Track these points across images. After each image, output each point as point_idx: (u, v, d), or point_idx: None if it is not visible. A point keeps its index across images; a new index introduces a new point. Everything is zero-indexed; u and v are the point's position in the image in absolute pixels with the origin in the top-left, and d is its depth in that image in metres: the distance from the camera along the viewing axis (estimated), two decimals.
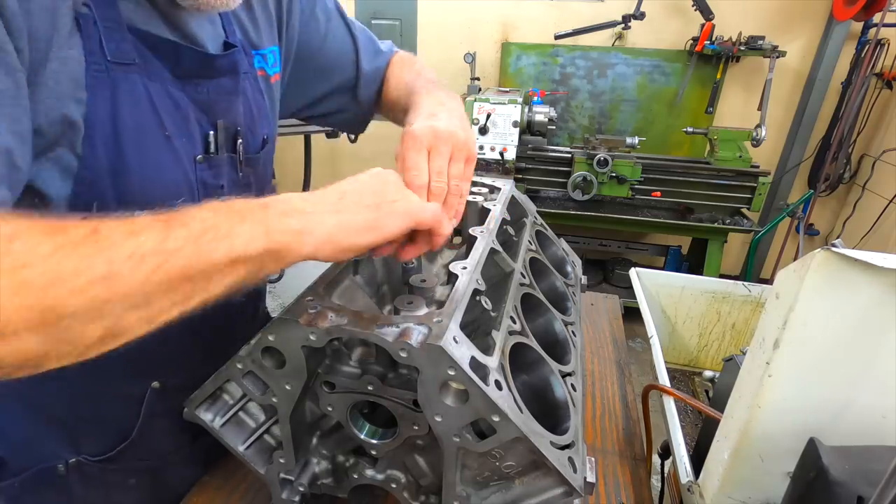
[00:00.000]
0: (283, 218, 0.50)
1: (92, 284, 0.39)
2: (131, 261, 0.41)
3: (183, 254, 0.43)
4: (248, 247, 0.47)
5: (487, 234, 0.79)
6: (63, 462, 0.77)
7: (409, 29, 3.91)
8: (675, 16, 3.54)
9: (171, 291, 0.44)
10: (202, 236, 0.45)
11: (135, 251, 0.41)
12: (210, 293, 0.47)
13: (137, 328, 0.44)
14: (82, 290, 0.39)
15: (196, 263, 0.44)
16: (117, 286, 0.40)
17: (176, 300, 0.45)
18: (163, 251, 0.42)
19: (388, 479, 0.69)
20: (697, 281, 1.47)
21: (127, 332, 0.44)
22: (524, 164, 3.22)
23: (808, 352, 0.63)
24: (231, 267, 0.47)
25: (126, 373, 0.76)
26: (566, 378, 0.70)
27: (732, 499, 0.74)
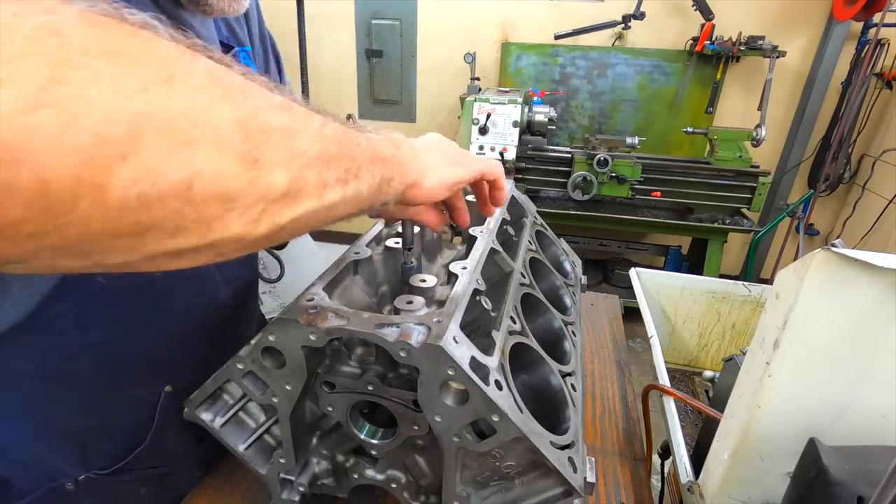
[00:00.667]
0: (410, 166, 0.54)
1: (279, 133, 0.35)
2: (302, 113, 0.39)
3: (336, 135, 0.42)
4: (379, 148, 0.48)
5: (487, 234, 0.79)
6: (72, 480, 0.75)
7: (409, 29, 3.91)
8: (675, 16, 3.54)
9: (337, 163, 0.41)
10: (350, 136, 0.44)
11: (304, 109, 0.39)
12: (359, 187, 0.44)
13: (309, 192, 0.38)
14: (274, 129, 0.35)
15: (343, 149, 0.42)
16: (302, 135, 0.37)
17: (339, 175, 0.41)
18: (324, 124, 0.41)
19: (388, 479, 0.69)
20: (697, 281, 1.47)
21: (301, 191, 0.37)
22: (524, 164, 3.22)
23: (808, 352, 0.63)
24: (372, 163, 0.46)
25: (138, 378, 0.75)
26: (566, 378, 0.70)
27: (732, 499, 0.74)
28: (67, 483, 0.74)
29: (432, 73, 4.01)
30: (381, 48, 3.99)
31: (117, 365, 0.72)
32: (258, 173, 0.33)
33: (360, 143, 0.45)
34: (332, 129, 0.41)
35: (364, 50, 4.02)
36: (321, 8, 3.84)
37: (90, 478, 0.76)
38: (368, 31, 3.96)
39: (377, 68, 4.06)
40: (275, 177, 0.34)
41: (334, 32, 4.00)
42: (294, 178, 0.36)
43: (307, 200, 0.38)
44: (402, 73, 4.05)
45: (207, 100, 0.30)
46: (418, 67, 4.02)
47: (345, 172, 0.42)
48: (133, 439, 0.78)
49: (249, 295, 0.94)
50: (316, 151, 0.38)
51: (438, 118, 4.11)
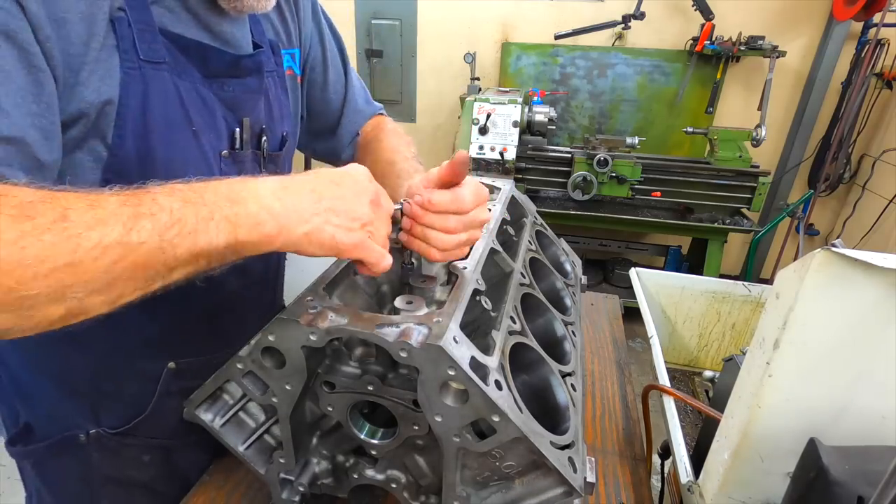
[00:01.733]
0: (252, 220, 0.51)
1: (55, 271, 0.41)
2: (95, 250, 0.42)
3: (146, 247, 0.45)
4: (211, 244, 0.49)
5: (487, 234, 0.79)
6: (84, 432, 0.84)
7: (409, 29, 3.91)
8: (675, 16, 3.54)
9: (132, 279, 0.46)
10: (167, 230, 0.46)
11: (99, 241, 0.42)
12: (171, 280, 0.49)
13: (98, 309, 0.46)
14: (45, 276, 0.41)
15: (158, 257, 0.46)
16: (80, 273, 0.42)
17: (137, 286, 0.47)
18: (127, 243, 0.44)
19: (388, 479, 0.69)
20: (697, 281, 1.47)
21: (88, 311, 0.46)
22: (524, 164, 3.22)
23: (808, 352, 0.63)
24: (193, 259, 0.49)
25: (145, 352, 0.82)
26: (566, 378, 0.70)
27: (732, 499, 0.74)
28: (80, 434, 0.84)
29: (432, 73, 4.01)
30: (381, 48, 3.99)
31: (126, 339, 0.79)
32: (29, 315, 0.42)
33: (174, 245, 0.47)
34: (129, 247, 0.44)
35: (364, 50, 4.02)
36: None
37: (99, 433, 0.84)
38: (368, 31, 3.95)
39: (377, 68, 4.06)
40: (49, 312, 0.43)
41: None
42: (72, 308, 0.44)
43: (94, 312, 0.46)
44: (402, 73, 4.05)
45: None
46: (418, 67, 4.02)
47: (146, 281, 0.47)
48: (138, 407, 0.85)
49: (265, 286, 0.96)
50: (98, 285, 0.44)
51: (438, 118, 4.11)
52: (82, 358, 0.79)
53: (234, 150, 0.76)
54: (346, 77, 1.03)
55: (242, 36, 0.77)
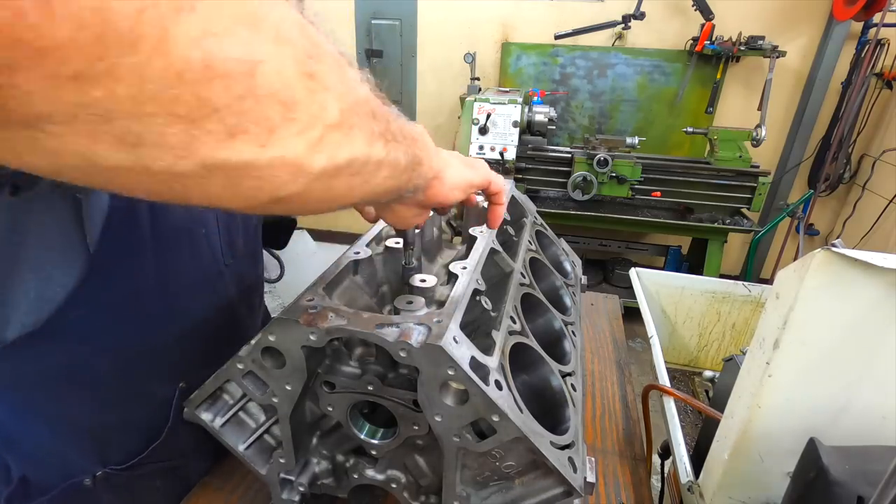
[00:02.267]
0: (437, 159, 0.54)
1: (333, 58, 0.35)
2: (359, 77, 0.39)
3: (386, 107, 0.42)
4: (408, 126, 0.46)
5: (487, 234, 0.79)
6: (90, 476, 0.76)
7: (409, 29, 3.91)
8: (675, 16, 3.54)
9: (378, 119, 0.40)
10: (397, 119, 0.44)
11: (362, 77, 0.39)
12: (398, 153, 0.43)
13: (358, 134, 0.37)
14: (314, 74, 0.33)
15: (389, 117, 0.42)
16: (349, 72, 0.37)
17: (381, 131, 0.40)
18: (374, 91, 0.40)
19: (388, 479, 0.69)
20: (697, 281, 1.47)
21: (352, 129, 0.36)
22: (524, 164, 3.22)
23: (808, 352, 0.63)
24: (404, 138, 0.45)
25: (152, 376, 0.76)
26: (566, 378, 0.70)
27: (732, 499, 0.74)
28: (85, 479, 0.76)
29: (432, 74, 4.01)
30: (381, 48, 3.99)
31: (132, 364, 0.74)
32: (315, 87, 0.32)
33: (392, 111, 0.43)
34: (368, 87, 0.39)
35: (364, 50, 4.02)
36: (321, 8, 3.82)
37: (107, 473, 0.77)
38: (368, 31, 3.96)
39: (377, 68, 4.06)
40: (329, 101, 0.33)
41: (334, 32, 3.98)
42: (345, 109, 0.35)
43: (358, 142, 0.36)
44: (402, 73, 4.05)
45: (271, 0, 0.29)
46: (418, 67, 4.02)
47: (385, 130, 0.40)
48: (148, 435, 0.79)
49: (255, 292, 0.95)
50: (362, 94, 0.37)
51: (438, 118, 4.11)
52: (82, 392, 0.72)
53: None
54: None
55: None
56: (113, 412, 0.76)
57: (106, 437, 0.77)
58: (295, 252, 2.94)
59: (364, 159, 0.37)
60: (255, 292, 0.95)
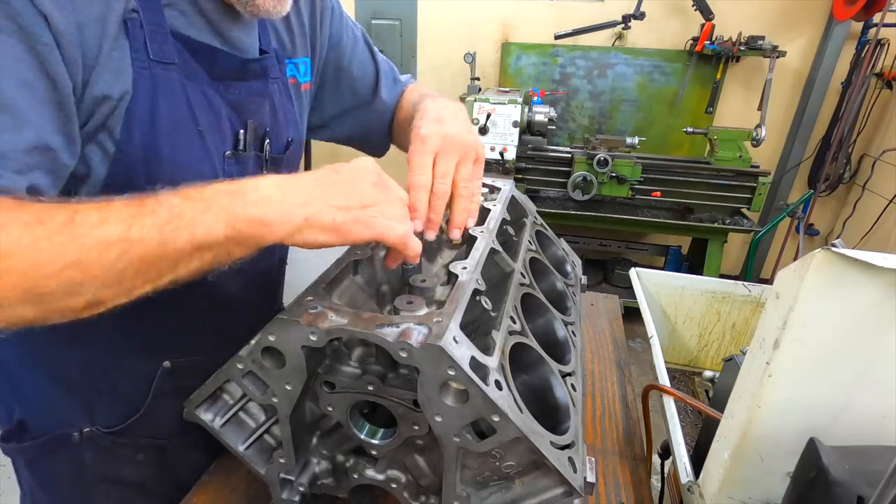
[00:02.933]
0: (249, 207, 0.52)
1: (65, 269, 0.45)
2: (98, 247, 0.46)
3: (146, 242, 0.48)
4: (210, 234, 0.50)
5: (487, 234, 0.79)
6: (78, 430, 0.83)
7: (409, 29, 3.91)
8: (675, 16, 3.54)
9: (139, 273, 0.49)
10: (166, 225, 0.49)
11: (101, 239, 0.46)
12: (178, 274, 0.52)
13: (115, 300, 0.50)
14: (57, 274, 0.45)
15: (159, 251, 0.49)
16: (88, 269, 0.46)
17: (147, 279, 0.50)
18: (127, 239, 0.47)
19: (388, 479, 0.69)
20: (697, 281, 1.47)
21: (107, 302, 0.49)
22: (524, 164, 3.22)
23: (808, 352, 0.63)
24: (195, 252, 0.51)
25: (140, 351, 0.82)
26: (566, 378, 0.70)
27: (732, 499, 0.74)
28: (74, 433, 0.84)
29: (432, 73, 4.01)
30: (381, 48, 3.96)
31: (122, 338, 0.79)
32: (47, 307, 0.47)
33: (175, 240, 0.49)
34: (136, 249, 0.48)
35: None
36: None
37: (93, 432, 0.84)
38: (368, 31, 3.91)
39: None
40: (72, 303, 0.48)
41: None
42: (91, 300, 0.48)
43: (112, 302, 0.49)
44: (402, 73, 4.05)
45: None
46: (418, 67, 4.02)
47: (156, 275, 0.50)
48: (132, 407, 0.85)
49: (264, 290, 0.96)
50: (109, 280, 0.48)
51: None
52: (77, 355, 0.80)
53: (237, 151, 0.77)
54: (376, 65, 1.04)
55: (251, 41, 0.78)
56: (102, 379, 0.82)
57: (95, 400, 0.83)
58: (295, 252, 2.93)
59: (123, 301, 0.51)
60: (262, 290, 0.96)
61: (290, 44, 0.88)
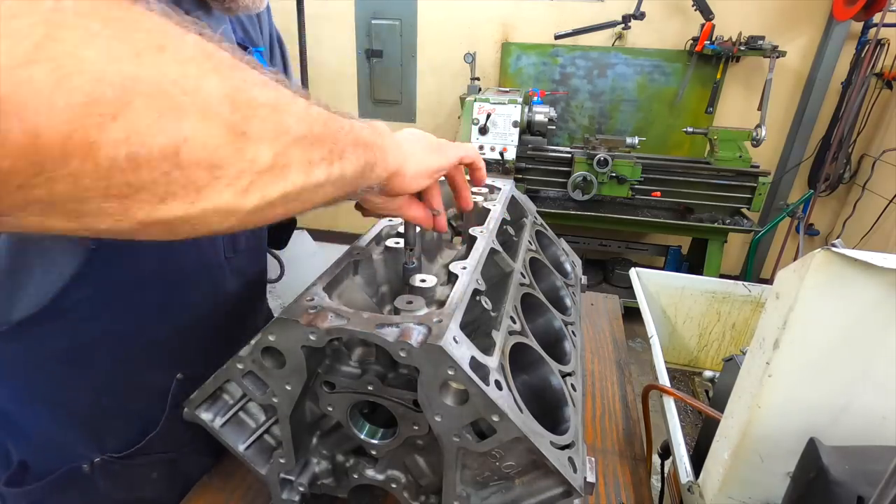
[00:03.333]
0: (392, 154, 0.56)
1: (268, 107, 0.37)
2: (304, 108, 0.42)
3: (320, 119, 0.44)
4: (362, 132, 0.50)
5: (487, 234, 0.79)
6: (87, 462, 0.78)
7: (409, 29, 3.91)
8: (675, 16, 3.54)
9: (322, 143, 0.43)
10: (335, 120, 0.46)
11: (294, 98, 0.41)
12: (343, 168, 0.46)
13: (295, 168, 0.40)
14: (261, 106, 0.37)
15: (326, 131, 0.44)
16: (288, 113, 0.39)
17: (324, 155, 0.44)
18: (307, 109, 0.42)
19: (388, 479, 0.69)
20: (697, 281, 1.47)
21: (287, 167, 0.40)
22: (524, 164, 3.22)
23: (808, 352, 0.63)
24: (356, 147, 0.48)
25: (151, 365, 0.79)
26: (566, 378, 0.70)
27: (732, 499, 0.74)
28: (83, 465, 0.78)
29: (432, 73, 4.01)
30: (381, 48, 3.99)
31: (131, 352, 0.76)
32: (244, 145, 0.34)
33: (343, 126, 0.47)
34: (317, 111, 0.43)
35: (364, 50, 4.02)
36: (321, 8, 3.84)
37: (105, 461, 0.79)
38: (368, 31, 3.96)
39: (377, 68, 4.06)
40: (261, 150, 0.36)
41: (334, 32, 4.00)
42: (279, 153, 0.38)
43: (294, 176, 0.40)
44: (402, 74, 4.05)
45: (197, 71, 0.31)
46: (418, 67, 4.02)
47: (329, 153, 0.44)
48: (146, 425, 0.81)
49: (256, 288, 0.96)
50: (301, 130, 0.40)
51: (438, 118, 4.11)
52: (82, 378, 0.75)
53: None
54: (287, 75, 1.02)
55: (226, 34, 0.77)
56: (111, 400, 0.78)
57: (104, 425, 0.79)
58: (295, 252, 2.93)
59: (300, 189, 0.41)
60: (256, 289, 0.95)
61: (253, 32, 0.87)
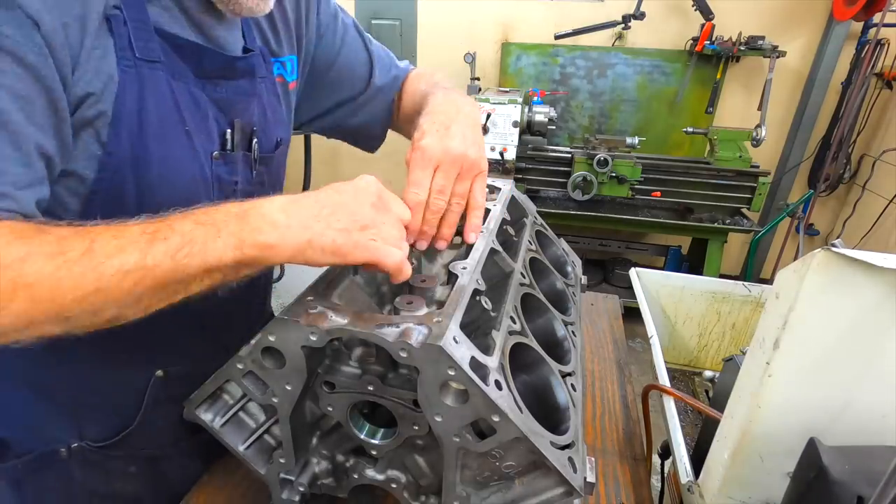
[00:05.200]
0: (256, 233, 0.54)
1: (87, 295, 0.49)
2: (117, 275, 0.49)
3: (161, 268, 0.51)
4: (220, 259, 0.53)
5: (487, 234, 0.79)
6: (65, 446, 0.80)
7: (409, 29, 3.91)
8: (675, 16, 3.54)
9: (154, 295, 0.53)
10: (179, 251, 0.51)
11: (120, 267, 0.49)
12: (191, 292, 0.55)
13: (135, 315, 0.54)
14: (80, 300, 0.49)
15: (173, 275, 0.52)
16: (108, 295, 0.50)
17: (161, 298, 0.54)
18: (143, 267, 0.50)
19: (388, 479, 0.69)
20: (697, 281, 1.47)
21: (127, 318, 0.54)
22: (524, 164, 3.22)
23: (808, 352, 0.63)
24: (206, 274, 0.54)
25: (131, 361, 0.79)
26: (566, 378, 0.70)
27: (732, 499, 0.74)
28: (61, 449, 0.80)
29: None
30: None
31: (111, 347, 0.76)
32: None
33: (188, 266, 0.52)
34: (154, 273, 0.51)
35: None
36: None
37: (82, 447, 0.81)
38: (368, 31, 3.92)
39: None
40: (93, 320, 0.52)
41: None
42: (114, 316, 0.53)
43: (131, 316, 0.54)
44: None
45: None
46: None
47: (170, 294, 0.54)
48: (124, 419, 0.82)
49: (255, 293, 0.95)
50: (129, 302, 0.52)
51: None
52: (65, 367, 0.76)
53: (224, 151, 0.75)
54: (369, 53, 1.01)
55: (234, 40, 0.77)
56: (91, 390, 0.79)
57: (84, 414, 0.80)
58: None
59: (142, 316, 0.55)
60: (252, 293, 0.94)
61: (275, 42, 0.86)
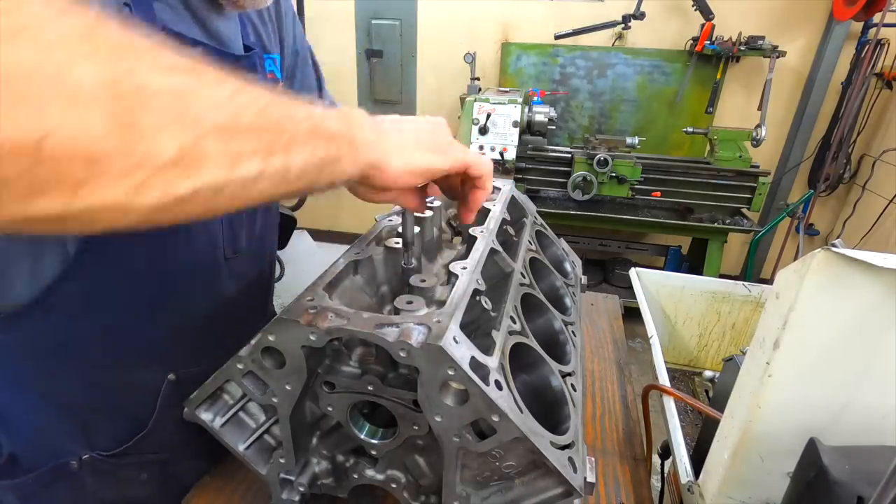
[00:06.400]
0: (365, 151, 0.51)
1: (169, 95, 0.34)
2: (228, 95, 0.38)
3: (277, 108, 0.41)
4: (325, 122, 0.45)
5: (487, 234, 0.79)
6: (76, 458, 0.78)
7: (409, 29, 3.91)
8: (675, 16, 3.54)
9: (256, 133, 0.39)
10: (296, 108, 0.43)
11: (236, 92, 0.38)
12: (289, 162, 0.42)
13: (213, 162, 0.36)
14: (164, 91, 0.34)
15: (285, 122, 0.42)
16: (200, 100, 0.35)
17: (259, 146, 0.39)
18: (263, 97, 0.40)
19: (388, 479, 0.69)
20: (697, 281, 1.47)
21: (201, 160, 0.35)
22: (524, 164, 3.22)
23: (808, 352, 0.63)
24: (311, 138, 0.44)
25: (142, 364, 0.78)
26: (566, 378, 0.70)
27: (732, 499, 0.74)
28: (72, 461, 0.78)
29: (432, 73, 4.01)
30: (381, 48, 3.99)
31: (123, 349, 0.75)
32: (133, 137, 0.31)
33: (295, 115, 0.42)
34: (248, 99, 0.38)
35: (364, 50, 4.02)
36: (321, 8, 3.84)
37: (93, 458, 0.79)
38: (368, 31, 3.96)
39: (377, 68, 4.06)
40: (160, 143, 0.32)
41: (334, 33, 4.00)
42: (187, 145, 0.33)
43: (211, 170, 0.35)
44: (402, 74, 4.05)
45: (65, 57, 0.28)
46: (418, 67, 4.02)
47: (267, 144, 0.39)
48: (136, 424, 0.81)
49: (260, 292, 0.95)
50: (220, 119, 0.36)
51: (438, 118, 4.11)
52: (73, 373, 0.75)
53: None
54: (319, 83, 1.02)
55: (234, 36, 0.77)
56: (101, 397, 0.77)
57: (94, 421, 0.79)
58: (295, 252, 2.93)
59: (221, 184, 0.37)
60: (259, 292, 0.95)
61: (266, 38, 0.86)
